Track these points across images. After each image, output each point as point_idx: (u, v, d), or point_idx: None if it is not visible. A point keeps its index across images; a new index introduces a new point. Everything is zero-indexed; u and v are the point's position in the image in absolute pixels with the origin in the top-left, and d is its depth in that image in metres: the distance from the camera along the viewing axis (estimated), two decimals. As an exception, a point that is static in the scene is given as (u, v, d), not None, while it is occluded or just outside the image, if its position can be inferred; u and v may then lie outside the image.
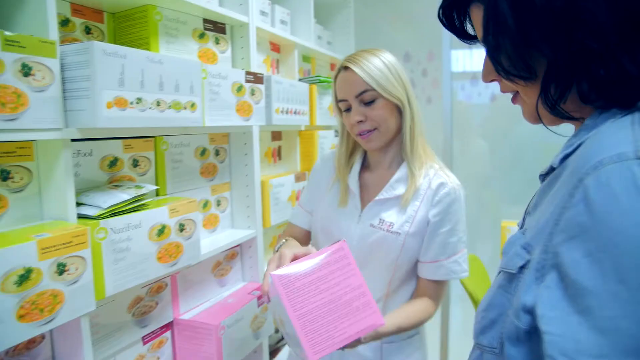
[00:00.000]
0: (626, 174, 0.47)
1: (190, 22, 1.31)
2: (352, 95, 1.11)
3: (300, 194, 1.37)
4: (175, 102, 1.09)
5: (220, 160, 1.47)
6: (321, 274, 0.87)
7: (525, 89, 0.64)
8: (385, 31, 2.60)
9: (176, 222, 1.12)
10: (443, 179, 1.13)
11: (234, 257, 1.52)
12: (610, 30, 0.53)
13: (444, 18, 0.74)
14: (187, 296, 1.33)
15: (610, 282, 0.47)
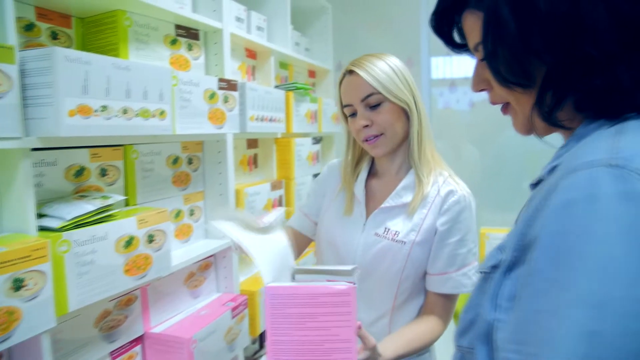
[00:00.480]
0: (592, 179, 0.47)
1: (162, 27, 1.29)
2: (357, 100, 1.07)
3: (305, 198, 1.36)
4: (144, 109, 1.06)
5: (193, 168, 1.43)
6: (315, 311, 0.81)
7: (518, 98, 0.63)
8: (363, 38, 2.60)
9: (145, 233, 1.09)
10: (452, 187, 1.08)
11: (208, 267, 1.49)
12: (611, 38, 0.53)
13: (435, 25, 0.73)
14: (159, 309, 1.29)
15: (538, 279, 0.48)
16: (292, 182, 1.88)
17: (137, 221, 1.07)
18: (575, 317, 0.44)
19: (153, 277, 1.12)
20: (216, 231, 1.48)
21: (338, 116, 1.21)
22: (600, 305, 0.43)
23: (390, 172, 1.16)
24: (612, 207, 0.45)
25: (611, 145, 0.50)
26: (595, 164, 0.48)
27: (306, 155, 1.99)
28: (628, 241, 0.44)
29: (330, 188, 1.23)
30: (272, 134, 1.80)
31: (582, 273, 0.44)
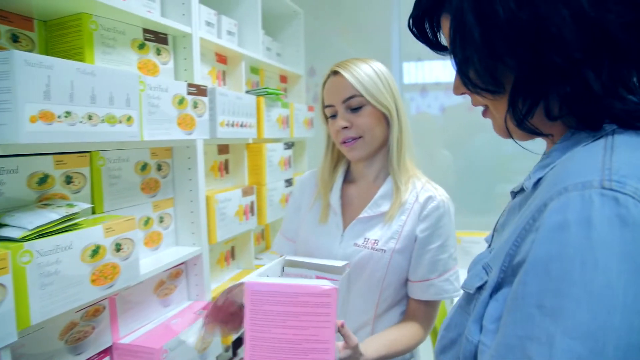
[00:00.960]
0: (585, 203, 0.45)
1: (129, 32, 1.26)
2: (339, 101, 1.07)
3: (283, 221, 1.32)
4: (110, 115, 1.03)
5: (162, 175, 1.41)
6: (294, 310, 0.80)
7: (494, 103, 0.63)
8: (335, 43, 2.61)
9: (112, 242, 1.06)
10: (431, 192, 1.08)
11: (178, 275, 1.46)
12: (576, 46, 0.52)
13: (414, 28, 0.72)
14: (128, 318, 1.26)
15: (527, 305, 0.47)
16: (263, 188, 1.86)
17: (104, 230, 1.04)
18: (568, 347, 0.42)
19: (121, 286, 1.09)
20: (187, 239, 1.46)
21: (320, 117, 1.18)
22: (597, 335, 0.42)
23: (367, 179, 1.15)
24: (607, 232, 0.43)
25: (603, 163, 0.48)
26: (587, 186, 0.46)
27: (278, 161, 1.98)
28: (624, 268, 0.42)
29: (305, 200, 1.22)
30: (243, 139, 1.78)
31: (575, 301, 0.43)
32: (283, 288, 0.81)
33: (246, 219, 1.74)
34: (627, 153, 0.49)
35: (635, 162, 0.48)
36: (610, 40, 0.51)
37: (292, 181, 2.13)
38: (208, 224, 1.51)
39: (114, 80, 1.04)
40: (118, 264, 1.08)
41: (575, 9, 0.51)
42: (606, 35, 0.51)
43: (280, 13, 2.32)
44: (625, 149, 0.50)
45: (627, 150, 0.50)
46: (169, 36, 1.41)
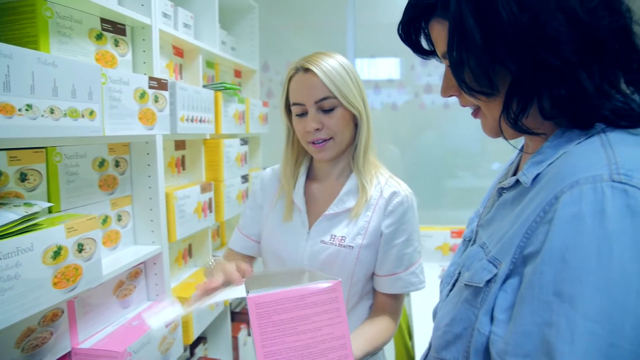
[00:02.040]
0: (598, 195, 0.49)
1: (87, 21, 1.20)
2: (311, 101, 1.03)
3: (240, 217, 1.27)
4: (72, 109, 0.98)
5: (120, 171, 1.35)
6: (304, 313, 0.76)
7: (487, 104, 0.64)
8: (289, 38, 2.61)
9: (74, 242, 1.01)
10: (395, 188, 1.08)
11: (137, 275, 1.41)
12: (571, 48, 0.55)
13: (402, 33, 0.73)
14: (87, 322, 1.20)
15: (544, 293, 0.49)
16: (221, 184, 1.83)
17: (66, 229, 0.99)
18: (589, 329, 0.45)
19: (83, 288, 1.04)
20: (146, 238, 1.42)
21: (281, 111, 1.14)
22: (614, 317, 0.45)
23: (330, 177, 1.14)
24: (619, 222, 0.47)
25: (608, 159, 0.52)
26: (598, 179, 0.50)
27: (235, 157, 1.96)
28: (637, 254, 0.46)
29: (268, 199, 1.19)
30: (200, 135, 1.74)
31: (594, 287, 0.46)
32: (287, 294, 0.77)
33: (204, 216, 1.70)
34: (626, 149, 0.53)
35: (636, 157, 0.51)
36: (601, 44, 0.55)
37: (248, 177, 2.11)
38: (168, 222, 1.46)
39: (76, 72, 0.99)
40: (80, 265, 1.03)
41: (571, 14, 0.55)
42: (597, 39, 0.55)
43: (235, 6, 2.28)
44: (622, 145, 0.54)
45: (625, 147, 0.53)
46: (127, 27, 1.35)
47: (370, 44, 2.47)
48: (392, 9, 2.53)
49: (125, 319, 1.32)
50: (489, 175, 2.67)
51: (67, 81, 0.96)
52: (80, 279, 1.03)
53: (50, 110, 0.92)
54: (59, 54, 1.10)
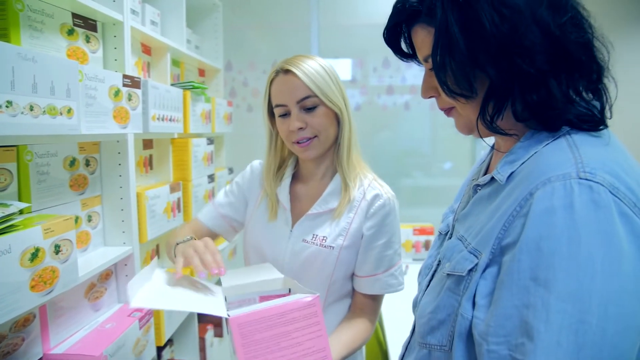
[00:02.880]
0: (567, 190, 0.55)
1: (58, 15, 1.16)
2: (293, 101, 1.04)
3: (218, 194, 1.25)
4: (51, 106, 0.95)
5: (90, 171, 1.32)
6: (285, 330, 0.79)
7: (464, 105, 0.69)
8: (253, 38, 2.61)
9: (51, 244, 0.98)
10: (378, 190, 1.10)
11: (108, 277, 1.38)
12: (544, 58, 0.61)
13: (387, 36, 0.77)
14: (58, 326, 1.16)
15: (522, 278, 0.55)
16: (189, 184, 1.81)
17: (43, 230, 0.96)
18: (561, 309, 0.51)
19: (60, 291, 1.01)
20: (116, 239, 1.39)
21: (263, 114, 1.16)
22: (583, 297, 0.51)
23: (315, 177, 1.15)
24: (585, 214, 0.53)
25: (575, 158, 0.58)
26: (567, 177, 0.56)
27: (202, 156, 1.94)
28: (600, 242, 0.52)
29: (254, 194, 1.19)
30: (169, 134, 1.72)
31: (565, 271, 0.52)
32: (267, 312, 0.79)
33: (173, 216, 1.68)
34: (590, 149, 0.60)
35: (599, 157, 0.58)
36: (569, 56, 0.62)
37: (214, 177, 2.10)
38: (138, 222, 1.44)
39: (54, 68, 0.96)
40: (57, 267, 1.00)
41: (544, 28, 0.61)
42: (566, 51, 0.62)
43: (199, 4, 2.25)
44: (586, 146, 0.60)
45: (588, 147, 0.60)
46: (97, 23, 1.31)
47: (333, 45, 2.51)
48: (355, 11, 2.58)
49: (97, 322, 1.28)
50: (441, 175, 2.77)
51: (46, 77, 0.93)
52: (57, 282, 1.00)
53: (30, 107, 0.89)
54: (31, 49, 1.06)
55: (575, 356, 0.50)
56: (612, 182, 0.55)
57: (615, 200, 0.54)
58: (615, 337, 0.50)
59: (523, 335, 0.53)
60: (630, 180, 0.56)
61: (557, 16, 0.62)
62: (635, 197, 0.55)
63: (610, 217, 0.53)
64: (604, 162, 0.57)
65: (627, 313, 0.51)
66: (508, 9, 0.61)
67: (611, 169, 0.56)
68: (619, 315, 0.51)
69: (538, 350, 0.51)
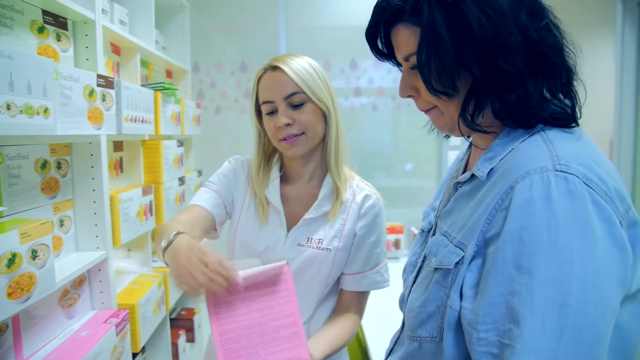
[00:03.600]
0: (545, 182, 0.58)
1: (28, 12, 1.12)
2: (280, 97, 1.03)
3: (211, 179, 1.17)
4: (28, 106, 0.92)
5: (62, 174, 1.27)
6: (256, 293, 0.82)
7: (445, 104, 0.71)
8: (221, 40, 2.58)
9: (28, 249, 0.94)
10: (367, 191, 1.11)
11: (82, 283, 1.33)
12: (523, 60, 0.64)
13: (369, 35, 0.77)
14: (32, 336, 1.12)
15: (506, 267, 0.58)
16: (161, 187, 1.78)
17: (20, 235, 0.92)
18: (544, 294, 0.54)
19: (37, 298, 0.97)
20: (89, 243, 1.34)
21: (250, 112, 1.14)
22: (563, 282, 0.54)
23: (302, 177, 1.14)
24: (562, 204, 0.56)
25: (550, 152, 0.61)
26: (544, 169, 0.59)
27: (172, 158, 1.90)
28: (577, 230, 0.55)
29: (240, 190, 1.16)
30: (139, 135, 1.68)
31: (546, 259, 0.55)
32: (240, 275, 0.80)
33: (146, 219, 1.64)
34: (563, 143, 0.63)
35: (572, 151, 0.61)
36: (545, 59, 0.66)
37: (184, 179, 2.06)
38: (112, 226, 1.40)
39: (31, 66, 0.93)
40: (34, 273, 0.96)
41: (524, 31, 0.65)
42: (543, 54, 0.66)
43: (166, 5, 2.21)
44: (559, 141, 0.63)
45: (562, 142, 0.63)
46: (68, 21, 1.27)
47: (301, 47, 2.51)
48: (322, 13, 2.60)
49: (72, 330, 1.24)
50: (402, 176, 2.83)
51: (23, 76, 0.90)
52: (35, 288, 0.96)
53: (6, 106, 0.85)
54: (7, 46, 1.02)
55: (558, 338, 0.53)
56: (585, 173, 0.58)
57: (588, 190, 0.57)
58: (595, 317, 0.53)
59: (510, 321, 0.55)
60: (601, 171, 0.60)
61: (535, 21, 0.65)
62: (606, 186, 0.58)
63: (584, 206, 0.56)
64: (577, 155, 0.60)
65: (603, 295, 0.54)
66: (493, 11, 0.63)
67: (583, 161, 0.59)
68: (597, 297, 0.54)
69: (524, 334, 0.53)
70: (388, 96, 2.67)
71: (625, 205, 0.60)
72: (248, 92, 2.59)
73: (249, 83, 2.58)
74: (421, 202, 2.85)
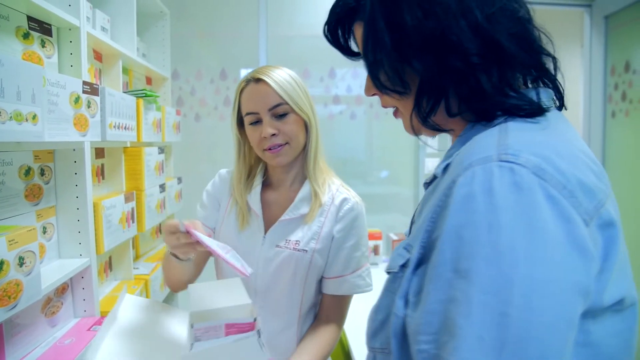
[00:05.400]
0: (487, 174, 0.51)
1: (13, 17, 1.12)
2: (265, 108, 1.06)
3: (198, 212, 1.24)
4: (17, 112, 0.92)
5: (45, 180, 1.26)
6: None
7: (402, 103, 0.69)
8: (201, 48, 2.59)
9: (15, 256, 0.94)
10: (346, 195, 1.13)
11: (64, 291, 1.32)
12: (473, 52, 0.59)
13: (329, 34, 0.75)
14: (14, 345, 1.10)
15: (445, 271, 0.51)
16: (142, 194, 1.77)
17: (7, 242, 0.92)
18: (483, 302, 0.46)
19: (24, 305, 0.97)
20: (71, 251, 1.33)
21: (232, 123, 1.16)
22: (505, 288, 0.46)
23: (285, 183, 1.17)
24: (506, 197, 0.49)
25: (498, 142, 0.54)
26: (487, 160, 0.52)
27: (154, 166, 1.90)
28: (523, 228, 0.47)
29: (225, 199, 1.20)
30: (121, 142, 1.67)
31: (485, 260, 0.47)
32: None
33: (128, 226, 1.63)
34: (519, 133, 0.56)
35: (526, 140, 0.54)
36: (499, 48, 0.60)
37: (165, 187, 2.06)
38: (95, 233, 1.39)
39: (20, 72, 0.93)
40: (21, 281, 0.96)
41: (472, 21, 0.59)
42: (496, 43, 0.59)
43: (146, 12, 2.21)
44: (517, 131, 0.57)
45: (519, 132, 0.57)
46: (53, 27, 1.27)
47: (281, 56, 2.54)
48: (302, 22, 2.63)
49: (55, 338, 1.23)
50: (378, 183, 2.88)
51: (12, 82, 0.90)
52: (22, 295, 0.96)
53: (-3, 112, 0.85)
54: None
55: (498, 352, 0.45)
56: (537, 163, 0.51)
57: (540, 183, 0.50)
58: (542, 330, 0.45)
59: (447, 332, 0.48)
60: (563, 163, 0.52)
61: (485, 7, 0.60)
62: (565, 179, 0.51)
63: (533, 200, 0.49)
64: (532, 144, 0.54)
65: (554, 304, 0.46)
66: (430, 3, 0.60)
67: (539, 151, 0.52)
68: (545, 306, 0.46)
69: (461, 348, 0.46)
70: (366, 104, 2.72)
71: (594, 202, 0.53)
72: (227, 99, 2.60)
73: (228, 91, 2.59)
74: (399, 208, 2.92)
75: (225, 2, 2.57)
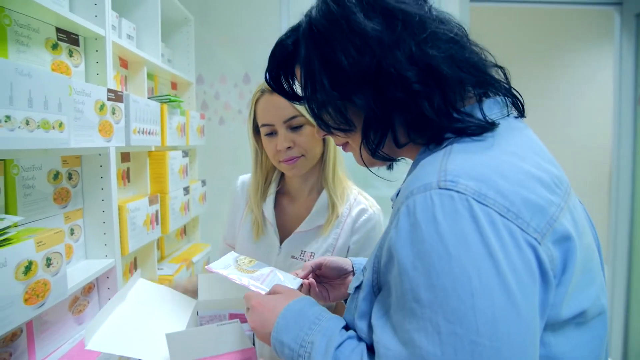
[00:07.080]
0: (428, 202, 0.52)
1: (43, 30, 1.17)
2: (279, 120, 1.05)
3: (225, 226, 1.27)
4: (44, 121, 0.97)
5: (73, 184, 1.32)
6: None
7: (351, 138, 0.70)
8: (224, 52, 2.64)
9: (43, 257, 0.99)
10: (364, 205, 1.12)
11: (91, 290, 1.37)
12: (412, 80, 0.60)
13: (271, 81, 0.76)
14: (43, 341, 1.16)
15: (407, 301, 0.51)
16: (166, 197, 1.82)
17: (35, 243, 0.96)
18: (451, 330, 0.47)
19: (51, 304, 1.01)
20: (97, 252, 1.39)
21: (249, 133, 1.18)
22: (468, 316, 0.47)
23: (302, 193, 1.17)
24: (450, 225, 0.50)
25: (439, 168, 0.55)
26: (428, 187, 0.53)
27: (178, 169, 1.95)
28: (471, 255, 0.48)
29: (241, 208, 1.21)
30: (146, 147, 1.73)
31: (443, 290, 0.48)
32: None
33: (152, 228, 1.69)
34: (460, 156, 0.57)
35: (466, 164, 0.55)
36: (437, 72, 0.60)
37: (189, 189, 2.11)
38: (120, 235, 1.44)
39: (47, 83, 0.97)
40: (49, 280, 1.00)
41: (406, 50, 0.60)
42: (433, 68, 0.60)
43: (171, 18, 2.27)
44: (459, 153, 0.58)
45: (461, 154, 0.57)
46: (80, 37, 1.32)
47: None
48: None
49: (82, 335, 1.28)
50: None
51: (40, 92, 0.95)
52: (49, 294, 1.00)
53: (26, 121, 0.90)
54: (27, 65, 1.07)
55: None
56: (477, 188, 0.51)
57: (482, 208, 0.50)
58: (513, 356, 0.46)
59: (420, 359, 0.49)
60: (506, 184, 0.52)
61: (417, 35, 0.61)
62: (508, 201, 0.51)
63: (477, 227, 0.49)
64: (472, 168, 0.54)
65: (521, 330, 0.47)
66: (362, 40, 0.61)
67: (480, 173, 0.53)
68: (512, 333, 0.47)
69: None
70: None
71: (545, 218, 0.53)
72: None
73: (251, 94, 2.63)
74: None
75: (248, 7, 2.61)
